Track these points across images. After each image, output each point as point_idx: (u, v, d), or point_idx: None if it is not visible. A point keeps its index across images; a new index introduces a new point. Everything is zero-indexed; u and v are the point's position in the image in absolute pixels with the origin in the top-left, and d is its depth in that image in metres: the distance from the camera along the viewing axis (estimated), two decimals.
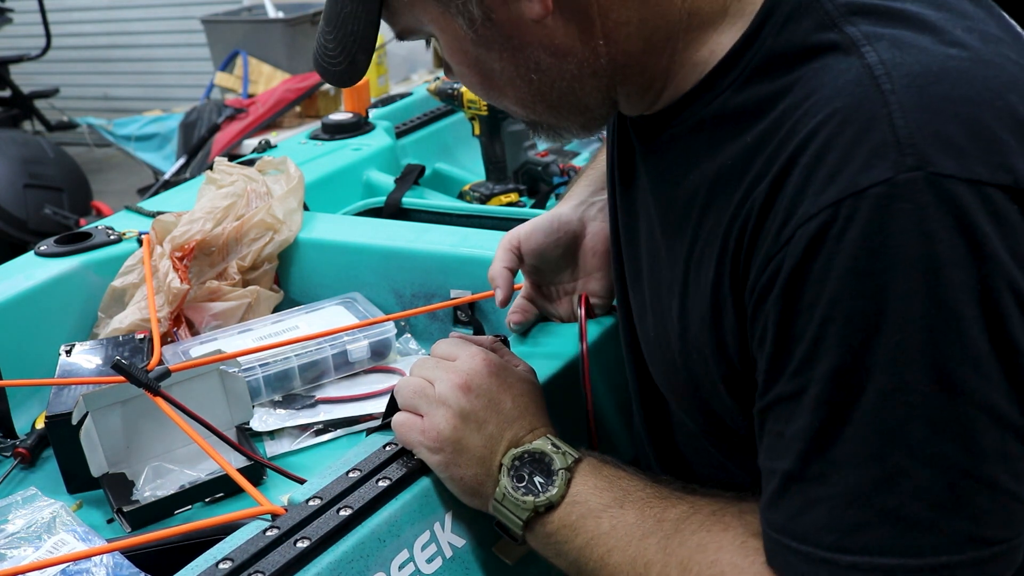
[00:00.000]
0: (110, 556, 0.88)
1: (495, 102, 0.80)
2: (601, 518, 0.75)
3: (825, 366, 0.60)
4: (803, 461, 0.62)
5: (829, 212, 0.59)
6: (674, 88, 0.74)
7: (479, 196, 1.81)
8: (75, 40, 6.11)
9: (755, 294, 0.64)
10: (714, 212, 0.69)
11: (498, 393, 0.82)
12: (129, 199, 2.90)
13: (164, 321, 1.29)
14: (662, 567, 0.70)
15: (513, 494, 0.77)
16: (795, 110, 0.63)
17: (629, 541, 0.73)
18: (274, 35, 3.96)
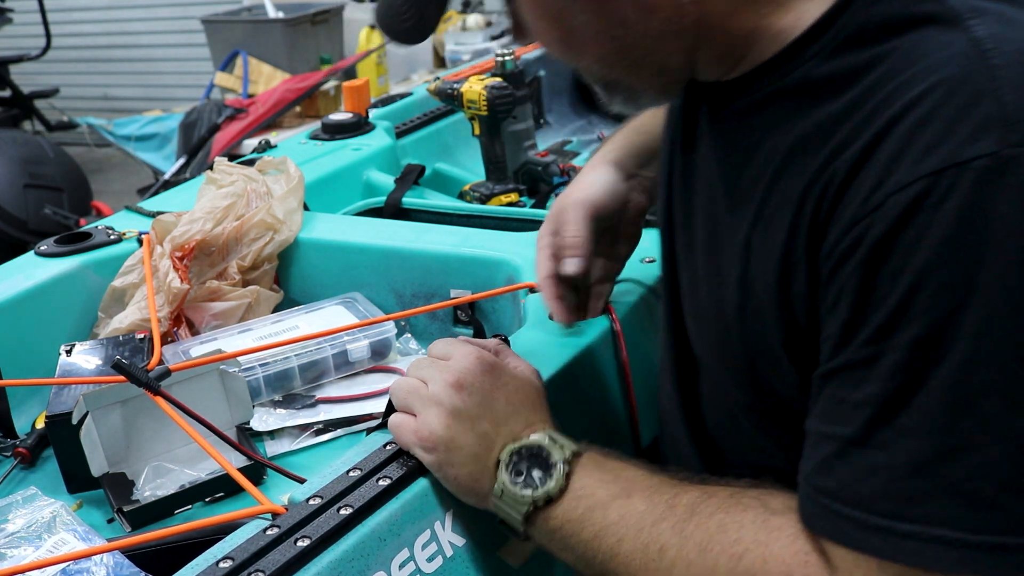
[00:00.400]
0: (110, 555, 0.88)
1: (572, 61, 0.79)
2: (608, 509, 0.74)
3: (907, 335, 0.59)
4: (868, 427, 0.62)
5: (928, 181, 0.58)
6: (755, 55, 0.73)
7: (479, 196, 1.81)
8: (75, 40, 6.11)
9: (833, 258, 0.64)
10: (788, 177, 0.69)
11: (491, 391, 0.81)
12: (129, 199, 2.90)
13: (164, 321, 1.29)
14: (678, 550, 0.70)
15: (511, 489, 0.77)
16: (891, 80, 0.63)
17: (640, 528, 0.72)
18: (274, 35, 3.96)
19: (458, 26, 4.14)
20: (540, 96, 2.52)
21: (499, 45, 3.73)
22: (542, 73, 2.51)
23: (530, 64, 2.45)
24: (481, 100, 1.73)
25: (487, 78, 1.77)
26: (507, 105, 1.74)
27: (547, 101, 2.55)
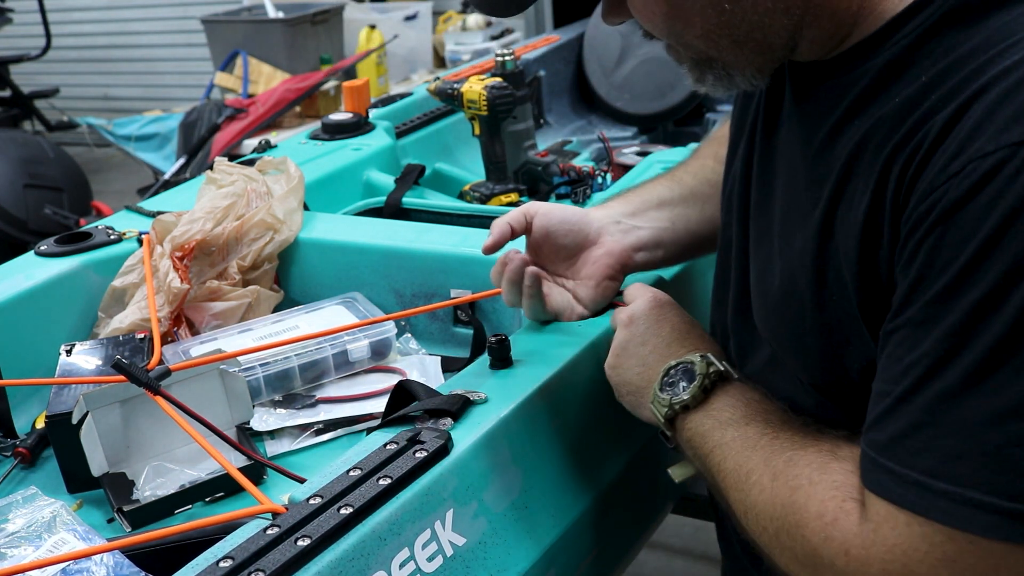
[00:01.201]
0: (110, 555, 0.88)
1: (674, 36, 0.79)
2: (727, 429, 0.82)
3: (967, 299, 0.61)
4: (917, 386, 0.63)
5: (1007, 151, 0.59)
6: (857, 34, 0.75)
7: (479, 196, 1.81)
8: (75, 40, 6.11)
9: (911, 222, 0.65)
10: (872, 150, 0.70)
11: (656, 323, 0.94)
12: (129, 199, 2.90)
13: (164, 321, 1.29)
14: (759, 475, 0.76)
15: (659, 394, 0.88)
16: (983, 52, 0.64)
17: (740, 451, 0.80)
18: (274, 35, 3.96)
19: (458, 26, 4.14)
20: (540, 96, 2.52)
21: (499, 45, 3.73)
22: (542, 73, 2.51)
23: (530, 64, 2.45)
24: (481, 100, 1.73)
25: (487, 78, 1.77)
26: (507, 105, 1.74)
27: (547, 101, 2.55)
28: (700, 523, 1.31)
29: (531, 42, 2.71)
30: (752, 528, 0.77)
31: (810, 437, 0.76)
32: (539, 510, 0.92)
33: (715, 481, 0.82)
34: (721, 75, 0.80)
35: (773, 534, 0.73)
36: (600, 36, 2.59)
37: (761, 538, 0.76)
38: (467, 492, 0.84)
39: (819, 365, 0.80)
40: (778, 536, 0.73)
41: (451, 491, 0.83)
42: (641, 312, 0.96)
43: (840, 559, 0.67)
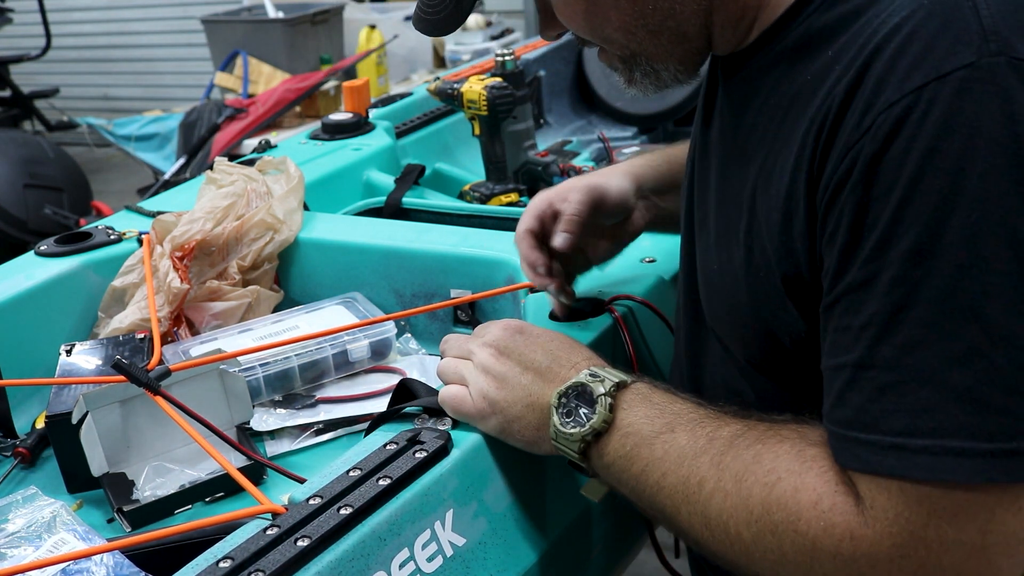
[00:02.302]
0: (110, 555, 0.88)
1: (594, 32, 0.82)
2: (654, 445, 0.76)
3: (901, 247, 0.60)
4: (873, 347, 0.62)
5: (912, 97, 0.60)
6: (764, 19, 0.76)
7: (479, 196, 1.81)
8: (75, 40, 6.11)
9: (830, 188, 0.65)
10: (789, 124, 0.71)
11: (529, 349, 0.86)
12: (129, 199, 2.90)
13: (164, 321, 1.29)
14: (716, 482, 0.71)
15: (563, 430, 0.80)
16: (880, 15, 0.65)
17: (681, 462, 0.73)
18: (274, 35, 3.96)
19: None
20: (540, 96, 2.51)
21: (499, 45, 3.73)
22: (542, 73, 2.51)
23: (530, 64, 2.45)
24: (481, 100, 1.73)
25: (487, 78, 1.77)
26: (507, 105, 1.74)
27: (547, 101, 2.55)
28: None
29: (531, 42, 2.71)
30: (719, 541, 0.71)
31: (758, 429, 0.72)
32: (539, 510, 0.92)
33: (654, 503, 0.76)
34: (647, 71, 0.83)
35: (751, 540, 0.69)
36: None
37: (733, 548, 0.70)
38: (467, 492, 0.84)
39: (755, 341, 0.80)
40: (758, 540, 0.68)
41: (451, 491, 0.83)
42: (505, 340, 0.87)
43: (846, 545, 0.63)
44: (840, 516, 0.64)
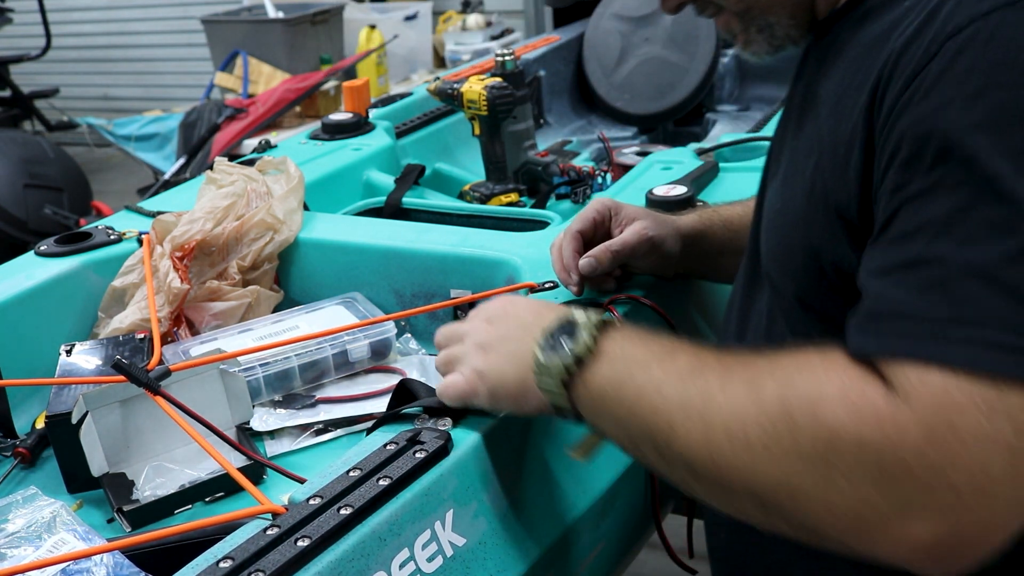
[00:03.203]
0: (110, 555, 0.88)
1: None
2: (651, 367, 0.72)
3: (963, 153, 0.61)
4: (928, 246, 0.62)
5: (980, 23, 0.63)
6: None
7: (479, 196, 1.81)
8: (75, 40, 6.11)
9: (894, 111, 0.66)
10: (866, 67, 0.72)
11: (516, 312, 0.86)
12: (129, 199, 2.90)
13: (164, 321, 1.29)
14: (722, 388, 0.66)
15: (543, 363, 0.77)
16: None
17: (683, 378, 0.69)
18: (274, 35, 3.96)
19: (458, 26, 4.14)
20: (540, 96, 2.52)
21: (499, 45, 3.73)
22: (542, 73, 2.52)
23: (530, 64, 2.45)
24: (481, 100, 1.73)
25: (487, 78, 1.77)
26: (507, 105, 1.74)
27: (547, 101, 2.55)
28: (700, 523, 1.31)
29: (531, 42, 2.71)
30: (719, 454, 0.65)
31: (769, 352, 0.68)
32: (539, 510, 0.92)
33: (645, 430, 0.71)
34: (762, 25, 0.86)
35: (760, 443, 0.63)
36: (600, 36, 2.60)
37: (736, 459, 0.64)
38: (467, 492, 0.84)
39: (805, 276, 0.80)
40: (770, 441, 0.62)
41: (451, 491, 0.83)
42: (494, 308, 0.88)
43: (871, 431, 0.59)
44: (869, 401, 0.60)
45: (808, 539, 0.65)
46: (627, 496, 1.09)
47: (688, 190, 1.39)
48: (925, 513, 0.58)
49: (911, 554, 0.60)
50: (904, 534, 0.59)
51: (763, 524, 0.67)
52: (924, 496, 0.58)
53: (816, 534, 0.63)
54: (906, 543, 0.59)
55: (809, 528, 0.63)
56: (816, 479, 0.61)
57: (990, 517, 0.58)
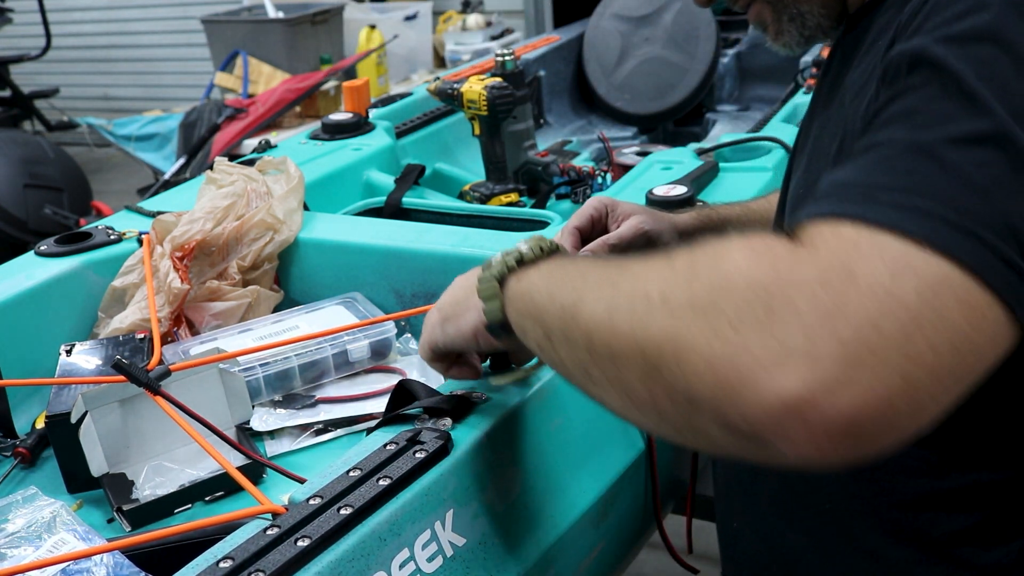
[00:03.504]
0: (110, 555, 0.88)
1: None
2: (592, 262, 0.70)
3: (934, 60, 0.61)
4: (885, 131, 0.61)
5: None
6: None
7: (479, 196, 1.81)
8: (75, 40, 6.11)
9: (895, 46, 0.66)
10: (881, 44, 0.73)
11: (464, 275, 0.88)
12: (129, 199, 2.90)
13: (164, 321, 1.29)
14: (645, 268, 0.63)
15: (488, 270, 0.78)
16: None
17: (610, 263, 0.67)
18: (274, 35, 3.96)
19: (458, 26, 4.14)
20: (540, 96, 2.52)
21: (499, 45, 3.73)
22: (542, 73, 2.52)
23: (530, 64, 2.45)
24: (481, 100, 1.73)
25: (487, 78, 1.77)
26: (507, 105, 1.74)
27: (547, 101, 2.55)
28: (700, 523, 1.31)
29: (531, 42, 2.71)
30: (623, 310, 0.61)
31: None
32: (539, 510, 0.92)
33: (562, 308, 0.67)
34: (794, 14, 0.86)
35: (662, 298, 0.59)
36: (600, 36, 2.60)
37: (638, 313, 0.60)
38: (467, 492, 0.84)
39: None
40: (671, 294, 0.59)
41: (451, 491, 0.83)
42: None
43: (766, 272, 0.55)
44: (770, 247, 0.57)
45: (682, 414, 0.58)
46: (627, 496, 1.09)
47: (688, 190, 1.39)
48: (802, 362, 0.52)
49: (775, 412, 0.53)
50: (773, 385, 0.52)
51: (644, 401, 0.61)
52: (806, 342, 0.52)
53: (691, 400, 0.56)
54: (773, 395, 0.52)
55: (685, 392, 0.57)
56: (702, 327, 0.56)
57: (870, 382, 0.52)
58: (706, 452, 0.62)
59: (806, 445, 0.53)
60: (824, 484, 0.86)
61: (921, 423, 0.54)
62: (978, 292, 0.55)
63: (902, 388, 0.52)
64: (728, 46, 2.72)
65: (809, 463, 0.54)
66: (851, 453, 0.53)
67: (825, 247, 0.56)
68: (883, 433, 0.53)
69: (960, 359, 0.54)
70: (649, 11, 2.50)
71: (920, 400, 0.53)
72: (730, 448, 0.57)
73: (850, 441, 0.53)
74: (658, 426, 0.62)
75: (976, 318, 0.55)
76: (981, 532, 0.78)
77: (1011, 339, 0.56)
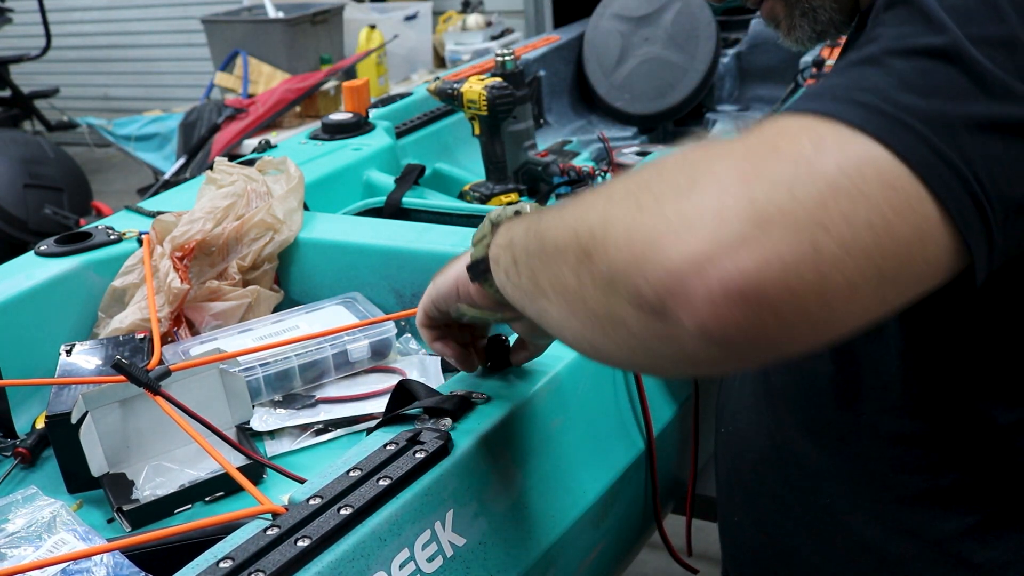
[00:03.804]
0: (110, 555, 0.88)
1: None
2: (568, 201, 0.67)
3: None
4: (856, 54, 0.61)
5: None
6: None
7: (479, 196, 1.81)
8: (75, 40, 6.11)
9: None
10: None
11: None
12: (129, 199, 2.90)
13: (164, 321, 1.29)
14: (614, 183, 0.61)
15: (482, 226, 0.78)
16: None
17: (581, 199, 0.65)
18: (274, 35, 3.96)
19: (458, 26, 4.14)
20: (540, 96, 2.52)
21: (499, 45, 3.73)
22: (542, 73, 2.51)
23: (530, 64, 2.45)
24: (481, 100, 1.73)
25: (487, 78, 1.77)
26: (507, 105, 1.74)
27: (547, 101, 2.55)
28: (700, 523, 1.31)
29: (531, 42, 2.71)
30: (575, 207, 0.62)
31: None
32: (539, 510, 0.92)
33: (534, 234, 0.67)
34: (806, 8, 0.85)
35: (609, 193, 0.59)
36: (600, 36, 2.60)
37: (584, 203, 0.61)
38: (467, 492, 0.84)
39: None
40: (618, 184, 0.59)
41: (451, 491, 0.83)
42: None
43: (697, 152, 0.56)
44: (712, 139, 0.58)
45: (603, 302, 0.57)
46: (627, 496, 1.09)
47: None
48: (711, 221, 0.51)
49: (677, 271, 0.51)
50: (680, 245, 0.51)
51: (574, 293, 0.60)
52: (717, 202, 0.52)
53: (611, 279, 0.56)
54: (678, 254, 0.51)
55: (606, 270, 0.56)
56: (630, 204, 0.56)
57: (776, 244, 0.50)
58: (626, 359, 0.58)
59: (704, 306, 0.51)
60: (824, 481, 0.86)
61: (832, 311, 0.52)
62: (906, 178, 0.53)
63: (810, 255, 0.50)
64: (728, 46, 2.72)
65: (710, 337, 0.51)
66: (753, 325, 0.51)
67: (758, 130, 0.56)
68: (787, 305, 0.51)
69: (877, 241, 0.52)
70: (649, 11, 2.50)
71: (829, 276, 0.51)
72: (644, 337, 0.55)
73: (751, 308, 0.50)
74: (584, 326, 0.60)
75: (900, 203, 0.53)
76: (980, 529, 0.78)
77: (944, 244, 0.54)
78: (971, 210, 0.55)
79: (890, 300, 0.54)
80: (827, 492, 0.86)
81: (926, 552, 0.80)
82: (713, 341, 0.52)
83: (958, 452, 0.77)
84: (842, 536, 0.85)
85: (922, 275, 0.55)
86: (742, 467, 0.96)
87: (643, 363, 0.60)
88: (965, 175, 0.55)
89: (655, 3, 2.50)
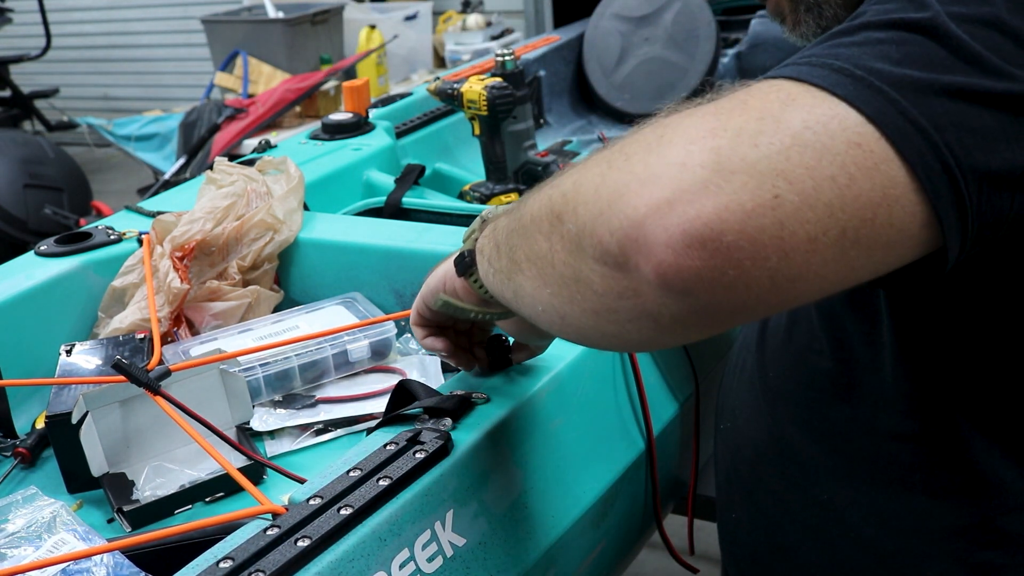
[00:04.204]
0: (110, 555, 0.88)
1: None
2: None
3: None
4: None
5: None
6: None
7: (479, 196, 1.81)
8: (75, 40, 6.11)
9: None
10: None
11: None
12: (129, 199, 2.90)
13: (164, 321, 1.29)
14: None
15: (471, 226, 0.78)
16: None
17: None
18: (274, 35, 3.96)
19: (458, 26, 4.14)
20: (540, 96, 2.51)
21: (499, 45, 3.73)
22: (542, 73, 2.51)
23: (530, 64, 2.45)
24: (481, 100, 1.73)
25: (487, 78, 1.77)
26: (507, 105, 1.74)
27: (547, 101, 2.55)
28: (700, 523, 1.31)
29: (531, 42, 2.71)
30: (555, 179, 0.65)
31: None
32: (539, 510, 0.92)
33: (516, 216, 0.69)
34: (811, 5, 0.86)
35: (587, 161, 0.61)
36: (600, 36, 2.60)
37: (566, 173, 0.63)
38: (467, 492, 0.84)
39: None
40: (596, 154, 0.61)
41: (451, 491, 0.83)
42: None
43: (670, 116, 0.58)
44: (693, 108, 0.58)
45: (571, 266, 0.58)
46: (627, 496, 1.09)
47: None
48: (674, 171, 0.52)
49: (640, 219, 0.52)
50: (644, 194, 0.52)
51: (544, 259, 0.61)
52: (683, 153, 0.53)
53: (578, 238, 0.57)
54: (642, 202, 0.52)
55: (575, 230, 0.57)
56: (601, 165, 0.57)
57: (736, 191, 0.51)
58: (592, 325, 0.57)
59: (662, 251, 0.51)
60: (822, 477, 0.86)
61: (791, 265, 0.52)
62: (873, 138, 0.53)
63: (770, 204, 0.51)
64: (728, 46, 2.72)
65: (669, 285, 0.52)
66: (711, 273, 0.51)
67: (731, 92, 0.57)
68: (745, 252, 0.51)
69: (840, 195, 0.52)
70: (649, 11, 2.50)
71: (789, 226, 0.51)
72: (608, 297, 0.56)
73: (709, 254, 0.50)
74: (554, 294, 0.61)
75: (865, 161, 0.53)
76: (977, 528, 0.78)
77: (912, 212, 0.54)
78: (941, 177, 0.54)
79: (857, 266, 0.54)
80: (825, 488, 0.86)
81: (924, 549, 0.80)
82: (672, 290, 0.52)
83: (956, 451, 0.78)
84: (840, 533, 0.86)
85: (890, 241, 0.54)
86: (740, 464, 0.96)
87: (608, 329, 0.59)
88: (935, 140, 0.54)
89: (655, 3, 2.50)
